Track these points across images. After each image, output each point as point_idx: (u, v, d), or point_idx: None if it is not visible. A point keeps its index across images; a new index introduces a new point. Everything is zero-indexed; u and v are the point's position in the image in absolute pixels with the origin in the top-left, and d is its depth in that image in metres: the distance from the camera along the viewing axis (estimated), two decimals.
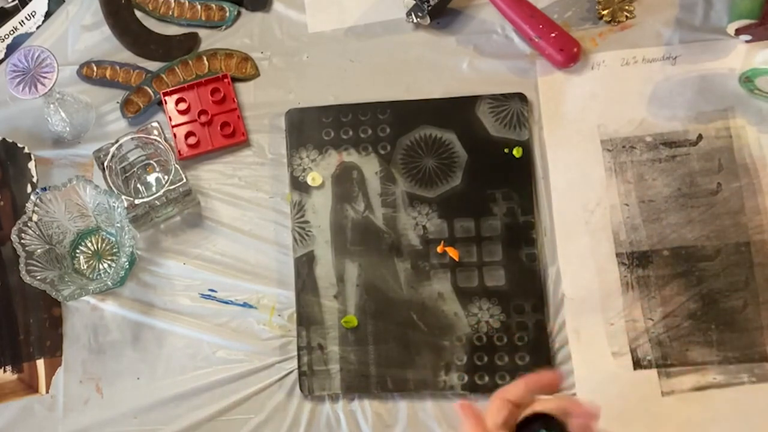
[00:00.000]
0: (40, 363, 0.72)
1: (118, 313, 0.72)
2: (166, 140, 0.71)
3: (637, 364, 0.67)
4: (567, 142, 0.73)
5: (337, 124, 0.74)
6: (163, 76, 0.77)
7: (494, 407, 0.45)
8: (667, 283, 0.68)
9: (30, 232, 0.66)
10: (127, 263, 0.66)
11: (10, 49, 0.80)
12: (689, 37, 0.74)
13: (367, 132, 0.73)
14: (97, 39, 0.79)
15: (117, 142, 0.67)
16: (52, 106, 0.73)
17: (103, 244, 0.73)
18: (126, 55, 0.78)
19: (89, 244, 0.73)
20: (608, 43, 0.75)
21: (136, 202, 0.67)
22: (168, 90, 0.75)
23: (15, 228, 0.65)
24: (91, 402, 0.71)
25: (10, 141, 0.77)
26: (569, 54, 0.72)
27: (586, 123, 0.73)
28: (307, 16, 0.78)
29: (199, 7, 0.79)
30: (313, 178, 0.72)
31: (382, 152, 0.73)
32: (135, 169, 0.72)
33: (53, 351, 0.72)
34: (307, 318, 0.70)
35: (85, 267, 0.72)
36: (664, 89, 0.73)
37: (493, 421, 0.44)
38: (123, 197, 0.66)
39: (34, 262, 0.66)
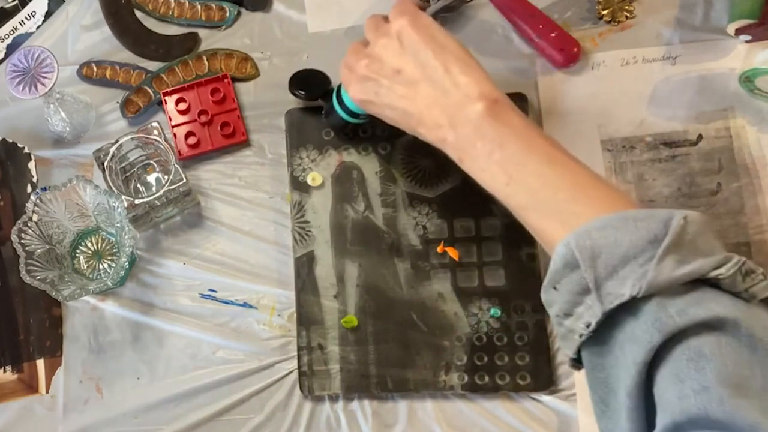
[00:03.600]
0: (40, 363, 0.72)
1: (118, 313, 0.72)
2: (166, 140, 0.71)
3: None
4: (567, 143, 0.72)
5: None
6: (163, 76, 0.77)
7: None
8: None
9: (30, 232, 0.66)
10: (127, 263, 0.66)
11: (10, 49, 0.80)
12: (689, 37, 0.74)
13: (367, 132, 0.73)
14: (97, 39, 0.79)
15: (117, 142, 0.67)
16: (52, 106, 0.73)
17: (103, 244, 0.73)
18: (126, 55, 0.78)
19: (89, 244, 0.73)
20: (608, 43, 0.75)
21: (136, 202, 0.67)
22: (168, 90, 0.75)
23: (15, 228, 0.65)
24: (91, 402, 0.71)
25: (10, 141, 0.77)
26: (569, 54, 0.72)
27: (586, 123, 0.73)
28: (307, 16, 0.78)
29: (199, 7, 0.79)
30: (313, 178, 0.72)
31: (382, 152, 0.73)
32: (135, 169, 0.72)
33: (53, 351, 0.72)
34: (307, 318, 0.70)
35: (85, 267, 0.72)
36: (664, 89, 0.73)
37: None
38: (123, 197, 0.66)
39: (34, 262, 0.66)
